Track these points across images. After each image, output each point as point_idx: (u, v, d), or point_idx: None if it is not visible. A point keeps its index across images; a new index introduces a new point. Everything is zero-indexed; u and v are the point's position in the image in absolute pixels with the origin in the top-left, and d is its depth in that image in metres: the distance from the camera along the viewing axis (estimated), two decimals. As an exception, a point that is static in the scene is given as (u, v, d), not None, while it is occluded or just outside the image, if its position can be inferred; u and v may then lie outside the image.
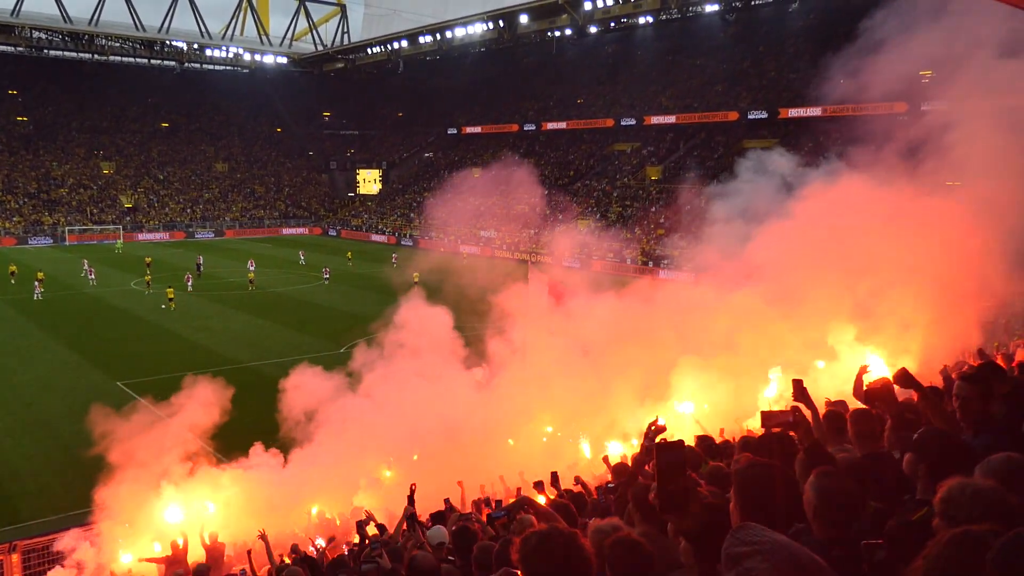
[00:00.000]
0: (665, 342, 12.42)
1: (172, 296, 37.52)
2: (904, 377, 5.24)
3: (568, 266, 34.27)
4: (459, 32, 79.27)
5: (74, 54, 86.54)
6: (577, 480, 8.50)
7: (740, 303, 12.17)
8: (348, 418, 13.41)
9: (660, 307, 13.54)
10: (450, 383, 14.03)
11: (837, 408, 6.04)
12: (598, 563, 2.48)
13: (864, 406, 6.07)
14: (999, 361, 8.20)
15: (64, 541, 11.47)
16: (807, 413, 5.27)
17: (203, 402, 13.21)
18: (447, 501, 9.25)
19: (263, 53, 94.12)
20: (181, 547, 9.80)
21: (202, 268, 48.31)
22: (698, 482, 2.74)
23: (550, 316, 15.04)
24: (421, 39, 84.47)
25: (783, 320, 11.42)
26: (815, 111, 53.00)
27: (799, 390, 5.54)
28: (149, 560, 10.34)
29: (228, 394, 13.41)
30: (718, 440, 8.39)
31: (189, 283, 42.34)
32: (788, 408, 5.15)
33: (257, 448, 13.59)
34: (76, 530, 11.89)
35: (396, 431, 13.19)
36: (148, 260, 49.93)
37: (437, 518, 7.99)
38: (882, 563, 2.62)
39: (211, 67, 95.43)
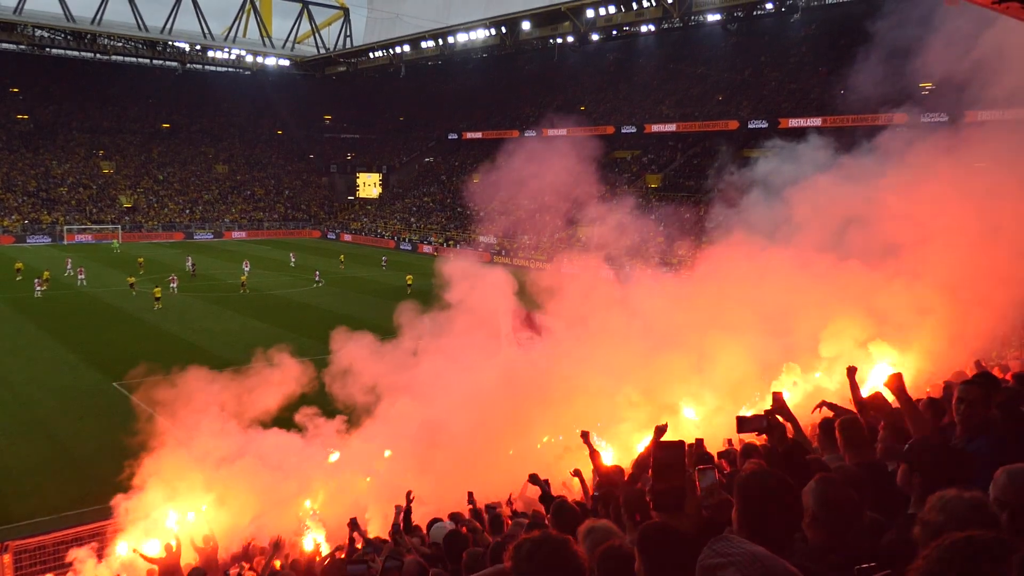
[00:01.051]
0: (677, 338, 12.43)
1: (159, 296, 37.77)
2: (896, 383, 5.24)
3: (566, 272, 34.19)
4: (461, 37, 79.39)
5: (76, 53, 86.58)
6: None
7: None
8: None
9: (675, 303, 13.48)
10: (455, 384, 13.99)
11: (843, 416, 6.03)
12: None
13: (855, 413, 6.09)
14: (996, 372, 8.23)
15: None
16: (788, 426, 5.26)
17: (199, 401, 13.17)
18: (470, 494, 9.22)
19: (265, 55, 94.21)
20: (174, 550, 9.77)
21: (195, 269, 48.27)
22: (694, 483, 2.74)
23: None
24: (423, 44, 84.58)
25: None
26: (815, 121, 53.09)
27: (778, 403, 5.53)
28: (144, 558, 10.29)
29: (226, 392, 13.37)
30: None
31: (174, 284, 42.11)
32: (763, 412, 5.15)
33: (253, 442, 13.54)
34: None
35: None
36: (140, 260, 50.04)
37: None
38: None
39: (213, 68, 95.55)
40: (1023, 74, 10.93)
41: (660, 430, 6.04)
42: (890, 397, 5.69)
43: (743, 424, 4.94)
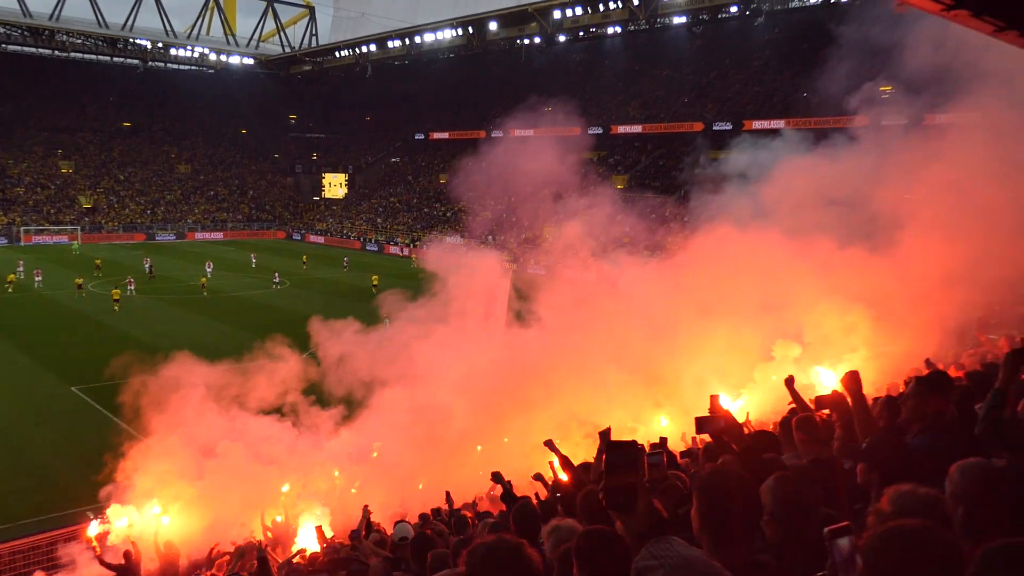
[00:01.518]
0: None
1: (117, 297, 37.21)
2: (850, 382, 5.33)
3: (534, 272, 34.32)
4: (428, 37, 79.21)
5: (34, 50, 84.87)
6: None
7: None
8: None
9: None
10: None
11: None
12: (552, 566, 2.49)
13: (810, 412, 6.17)
14: (951, 371, 8.39)
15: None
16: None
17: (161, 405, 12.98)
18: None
19: (229, 54, 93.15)
20: (133, 558, 9.58)
21: (153, 271, 47.48)
22: (644, 481, 2.77)
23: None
24: (390, 43, 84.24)
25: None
26: (779, 123, 53.78)
27: (714, 406, 5.68)
28: (103, 564, 10.08)
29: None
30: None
31: (131, 287, 41.10)
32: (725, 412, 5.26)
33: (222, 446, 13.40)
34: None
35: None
36: (98, 262, 49.13)
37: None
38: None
39: (175, 67, 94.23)
40: (977, 79, 11.18)
41: (604, 434, 6.15)
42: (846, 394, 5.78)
43: (702, 425, 5.04)
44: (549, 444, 7.04)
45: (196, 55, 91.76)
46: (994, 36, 5.04)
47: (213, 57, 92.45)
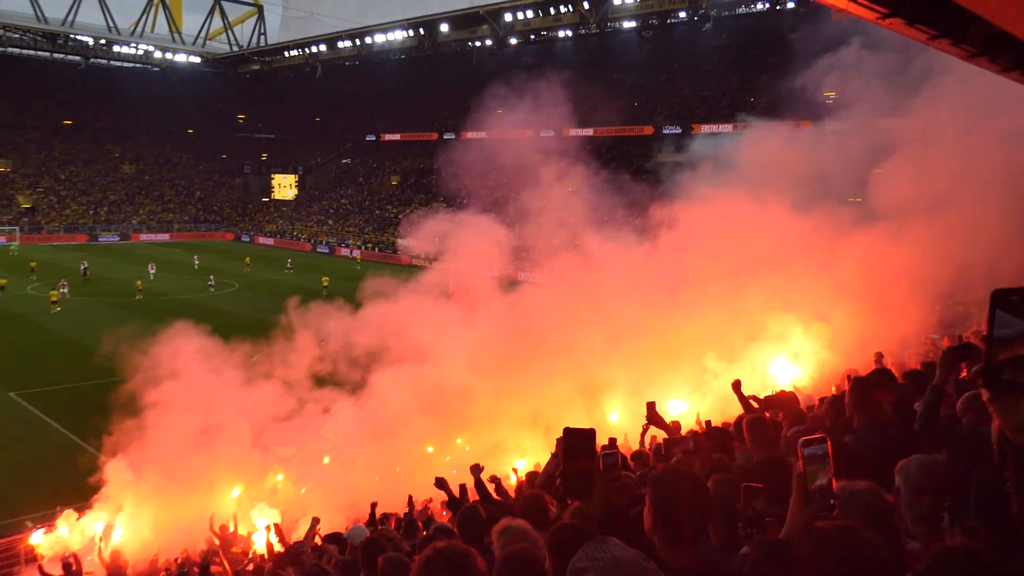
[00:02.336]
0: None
1: (55, 299, 36.30)
2: (737, 388, 5.47)
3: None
4: (379, 38, 78.72)
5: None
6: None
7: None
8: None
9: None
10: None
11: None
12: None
13: (758, 412, 6.30)
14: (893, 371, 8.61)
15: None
16: (661, 432, 5.48)
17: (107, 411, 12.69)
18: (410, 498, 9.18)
19: (175, 51, 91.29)
20: (74, 569, 9.31)
21: (88, 273, 46.24)
22: (600, 467, 2.83)
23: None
24: (340, 44, 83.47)
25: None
26: (727, 127, 54.66)
27: (651, 413, 5.80)
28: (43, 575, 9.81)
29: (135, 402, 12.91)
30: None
31: (64, 289, 39.50)
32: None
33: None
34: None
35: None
36: (33, 264, 47.82)
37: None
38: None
39: (119, 64, 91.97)
40: (916, 85, 11.54)
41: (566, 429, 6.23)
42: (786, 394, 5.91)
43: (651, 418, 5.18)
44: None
45: (140, 52, 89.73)
46: (927, 44, 5.21)
47: (158, 55, 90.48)
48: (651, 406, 6.14)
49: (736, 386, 7.05)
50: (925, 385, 4.97)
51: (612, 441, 5.80)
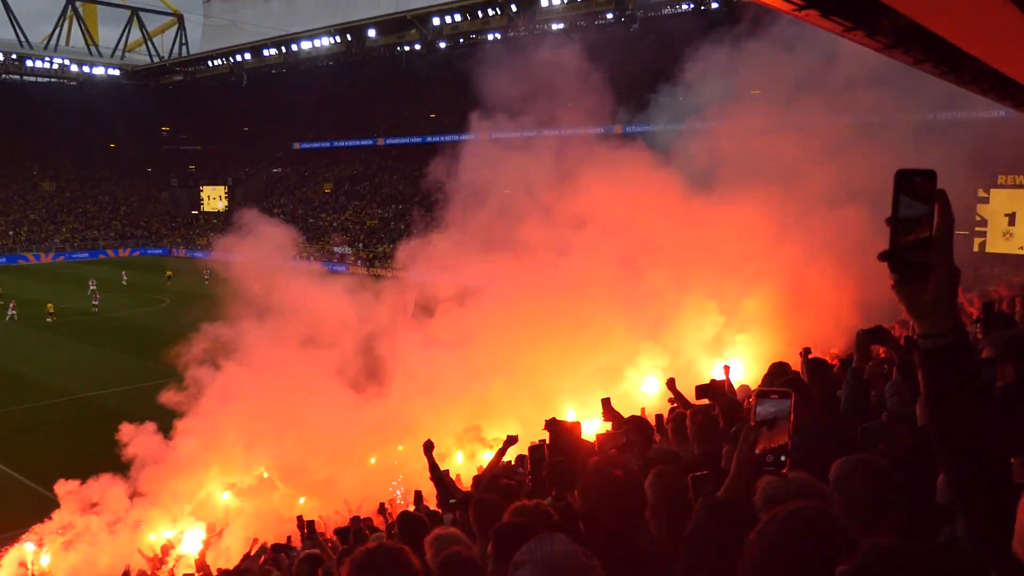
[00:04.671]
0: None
1: None
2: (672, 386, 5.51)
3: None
4: (305, 45, 77.61)
5: None
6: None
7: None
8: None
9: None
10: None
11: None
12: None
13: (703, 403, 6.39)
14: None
15: None
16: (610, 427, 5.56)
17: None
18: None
19: (92, 65, 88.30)
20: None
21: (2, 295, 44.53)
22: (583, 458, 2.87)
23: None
24: (265, 52, 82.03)
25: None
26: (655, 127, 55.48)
27: (607, 408, 5.86)
28: None
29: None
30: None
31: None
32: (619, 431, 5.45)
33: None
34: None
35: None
36: None
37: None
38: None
39: (33, 79, 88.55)
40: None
41: (511, 440, 6.27)
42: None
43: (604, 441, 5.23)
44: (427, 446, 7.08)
45: (55, 67, 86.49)
46: (842, 36, 5.33)
47: (75, 68, 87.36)
48: (606, 402, 6.19)
49: (671, 384, 7.19)
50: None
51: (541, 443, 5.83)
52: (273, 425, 13.43)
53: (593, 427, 8.77)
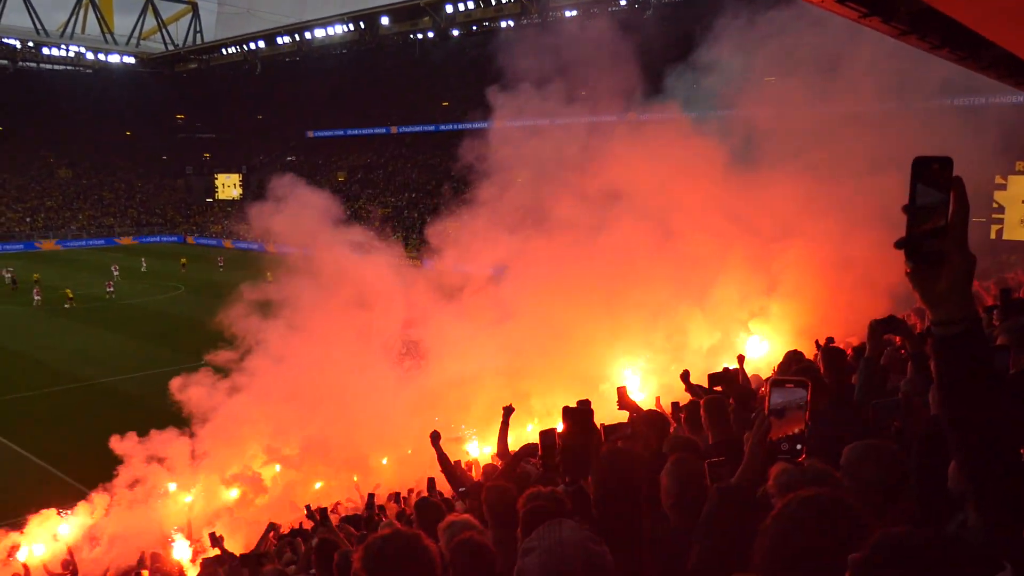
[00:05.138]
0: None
1: None
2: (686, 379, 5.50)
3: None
4: (319, 33, 77.60)
5: None
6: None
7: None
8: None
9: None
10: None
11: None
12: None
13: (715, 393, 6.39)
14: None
15: None
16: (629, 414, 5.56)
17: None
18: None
19: (107, 52, 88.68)
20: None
21: (16, 281, 44.97)
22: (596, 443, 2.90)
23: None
24: (279, 40, 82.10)
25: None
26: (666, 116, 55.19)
27: (623, 397, 5.87)
28: None
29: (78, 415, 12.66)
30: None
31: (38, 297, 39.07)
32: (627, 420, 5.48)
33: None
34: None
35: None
36: None
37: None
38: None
39: (50, 67, 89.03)
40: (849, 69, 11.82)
41: (508, 410, 6.33)
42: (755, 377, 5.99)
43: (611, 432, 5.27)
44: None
45: (71, 54, 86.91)
46: (858, 22, 5.29)
47: (90, 56, 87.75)
48: (622, 391, 6.18)
49: (684, 376, 7.23)
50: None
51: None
52: (309, 400, 13.54)
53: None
